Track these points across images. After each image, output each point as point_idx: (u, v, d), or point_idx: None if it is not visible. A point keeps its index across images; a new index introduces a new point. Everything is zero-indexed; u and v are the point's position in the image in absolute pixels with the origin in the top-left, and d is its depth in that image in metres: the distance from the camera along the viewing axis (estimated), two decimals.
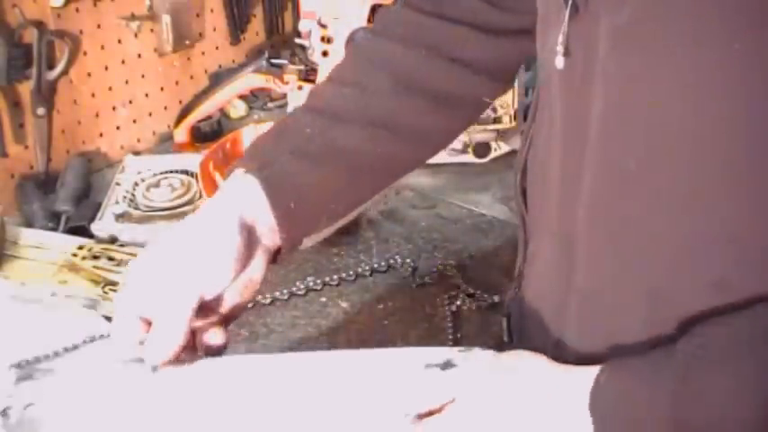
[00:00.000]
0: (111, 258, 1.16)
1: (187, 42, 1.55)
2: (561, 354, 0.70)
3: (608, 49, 0.62)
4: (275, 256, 0.78)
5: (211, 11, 1.60)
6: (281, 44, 1.68)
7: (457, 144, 1.43)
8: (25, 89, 1.32)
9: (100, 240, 1.21)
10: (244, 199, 0.75)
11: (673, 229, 0.62)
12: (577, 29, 0.65)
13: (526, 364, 0.66)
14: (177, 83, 1.56)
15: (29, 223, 1.26)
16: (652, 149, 0.61)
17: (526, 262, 0.79)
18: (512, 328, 0.83)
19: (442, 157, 1.42)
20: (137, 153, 1.47)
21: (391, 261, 1.18)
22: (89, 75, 1.41)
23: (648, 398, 0.58)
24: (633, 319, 0.65)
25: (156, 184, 1.31)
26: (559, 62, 0.66)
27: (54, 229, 1.25)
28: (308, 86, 1.41)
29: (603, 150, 0.64)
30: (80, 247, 1.18)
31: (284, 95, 1.52)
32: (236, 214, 0.73)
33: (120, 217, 1.25)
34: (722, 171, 0.58)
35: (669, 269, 0.63)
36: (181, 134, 1.47)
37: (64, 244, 1.19)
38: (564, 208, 0.70)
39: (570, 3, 0.64)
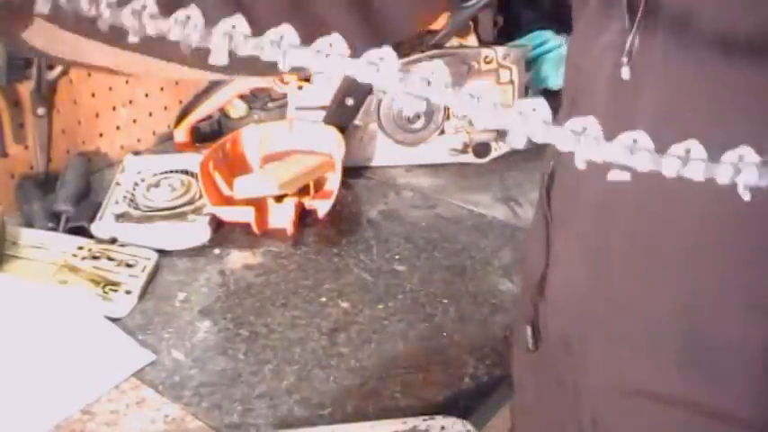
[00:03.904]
0: (110, 259, 1.16)
1: None
2: (587, 361, 0.69)
3: (663, 57, 0.60)
4: None
5: None
6: None
7: (457, 144, 1.43)
8: (25, 89, 1.32)
9: (100, 240, 1.21)
10: None
11: (720, 240, 0.60)
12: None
13: None
14: (177, 83, 1.55)
15: (29, 223, 1.26)
16: None
17: (549, 266, 0.76)
18: (536, 335, 0.81)
19: (441, 157, 1.44)
20: (137, 153, 1.47)
21: (391, 261, 1.18)
22: (89, 75, 1.41)
23: None
24: (668, 331, 0.64)
25: (156, 185, 1.31)
26: (625, 73, 0.63)
27: (54, 229, 1.24)
28: (307, 86, 1.42)
29: None
30: (80, 248, 1.18)
31: (284, 95, 1.52)
32: None
33: (120, 217, 1.25)
34: None
35: (712, 283, 0.61)
36: (181, 134, 1.46)
37: (64, 244, 1.19)
38: (601, 216, 0.67)
39: (640, 14, 0.61)
